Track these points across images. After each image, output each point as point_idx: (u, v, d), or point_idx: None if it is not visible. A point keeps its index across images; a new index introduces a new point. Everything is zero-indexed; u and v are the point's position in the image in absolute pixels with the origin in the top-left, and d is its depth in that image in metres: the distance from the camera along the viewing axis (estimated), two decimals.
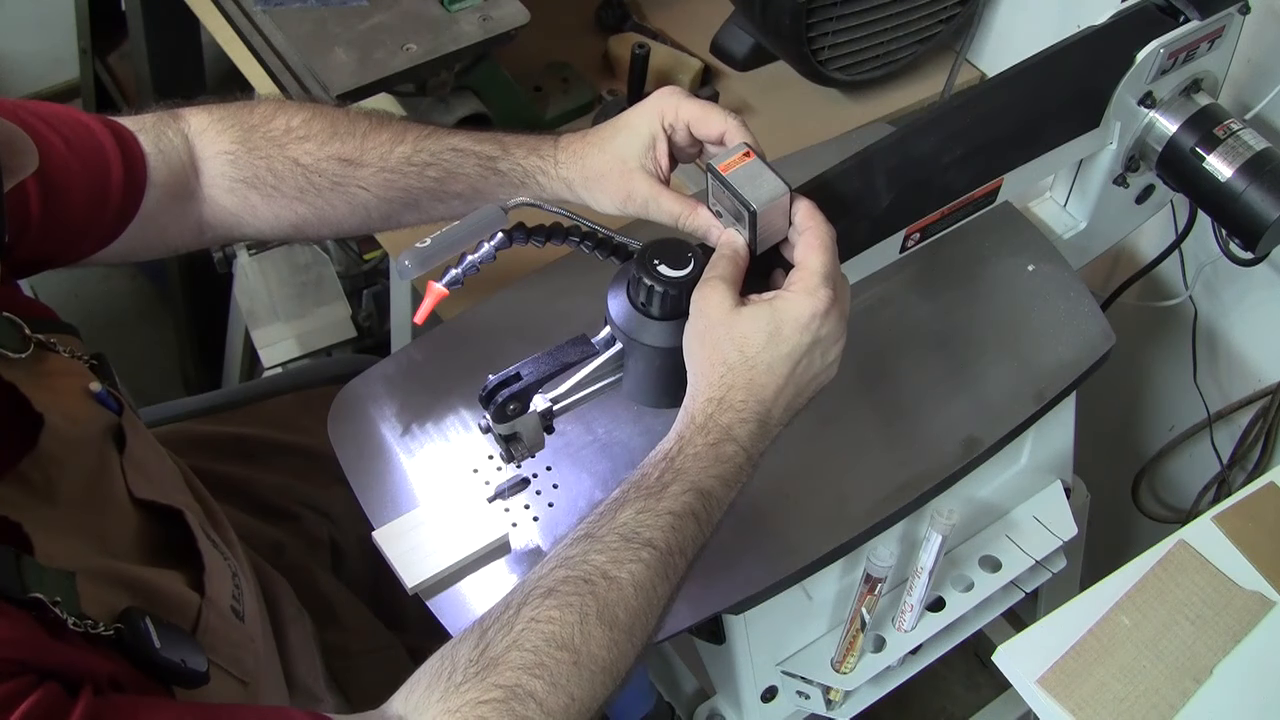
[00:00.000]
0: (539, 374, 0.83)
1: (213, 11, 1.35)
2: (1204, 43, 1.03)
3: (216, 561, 0.86)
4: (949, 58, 1.46)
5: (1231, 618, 0.98)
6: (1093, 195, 1.13)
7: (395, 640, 1.10)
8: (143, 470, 0.86)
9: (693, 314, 0.82)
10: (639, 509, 0.76)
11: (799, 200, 0.83)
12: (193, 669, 0.75)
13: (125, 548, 0.81)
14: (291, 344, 1.71)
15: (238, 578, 0.89)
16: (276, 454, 1.19)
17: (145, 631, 0.73)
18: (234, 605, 0.86)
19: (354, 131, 0.97)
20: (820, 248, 0.81)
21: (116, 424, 0.86)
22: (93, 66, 2.13)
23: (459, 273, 0.85)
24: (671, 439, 0.80)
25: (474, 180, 0.97)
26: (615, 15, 1.50)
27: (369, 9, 1.23)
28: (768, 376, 0.80)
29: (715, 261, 0.83)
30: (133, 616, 0.73)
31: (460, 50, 1.21)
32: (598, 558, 0.74)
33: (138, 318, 2.24)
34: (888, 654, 1.07)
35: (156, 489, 0.86)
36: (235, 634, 0.84)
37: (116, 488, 0.83)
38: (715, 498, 0.79)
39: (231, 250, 1.73)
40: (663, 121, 0.92)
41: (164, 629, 0.74)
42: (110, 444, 0.85)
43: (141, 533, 0.83)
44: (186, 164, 0.97)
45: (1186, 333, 1.40)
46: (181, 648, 0.75)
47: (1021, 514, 1.14)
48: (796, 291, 0.80)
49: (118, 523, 0.82)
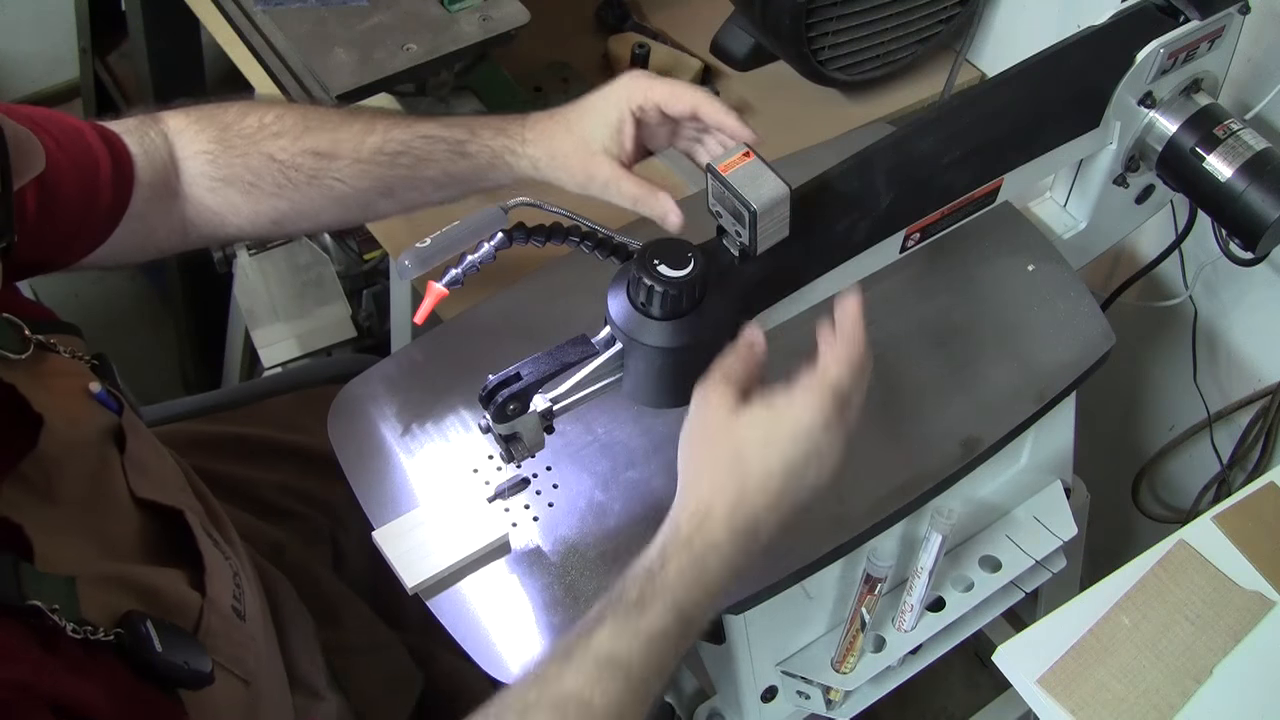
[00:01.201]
0: (539, 374, 0.83)
1: (213, 11, 1.35)
2: (1204, 43, 1.03)
3: (217, 561, 0.86)
4: (949, 58, 1.46)
5: (1231, 618, 0.98)
6: (1093, 195, 1.13)
7: (395, 638, 1.10)
8: (144, 470, 0.86)
9: (690, 411, 0.79)
10: (616, 630, 0.73)
11: (850, 297, 0.78)
12: (196, 670, 0.75)
13: (127, 548, 0.81)
14: (291, 344, 1.71)
15: (239, 577, 0.89)
16: (276, 453, 1.19)
17: (146, 635, 0.73)
18: (235, 605, 0.86)
19: (325, 125, 0.99)
20: (848, 362, 0.77)
21: (117, 424, 0.86)
22: (93, 66, 2.13)
23: (459, 273, 0.85)
24: (654, 552, 0.76)
25: (445, 165, 0.98)
26: (615, 15, 1.50)
27: (369, 9, 1.23)
28: (760, 492, 0.76)
29: (726, 356, 0.80)
30: (134, 621, 0.73)
31: (460, 50, 1.21)
32: (572, 681, 0.72)
33: (138, 318, 2.24)
34: (888, 654, 1.07)
35: (158, 489, 0.86)
36: (237, 634, 0.84)
37: (118, 488, 0.83)
38: (695, 619, 0.75)
39: (231, 250, 1.73)
40: (631, 105, 0.93)
41: (166, 631, 0.74)
42: (111, 444, 0.85)
43: (143, 532, 0.83)
44: (168, 163, 0.98)
45: (1186, 333, 1.40)
46: (184, 650, 0.75)
47: (1021, 514, 1.14)
48: (803, 393, 0.76)
49: (119, 523, 0.82)
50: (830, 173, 0.91)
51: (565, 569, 0.93)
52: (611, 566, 0.93)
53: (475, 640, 0.90)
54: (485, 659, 0.89)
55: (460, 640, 0.91)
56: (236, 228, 1.01)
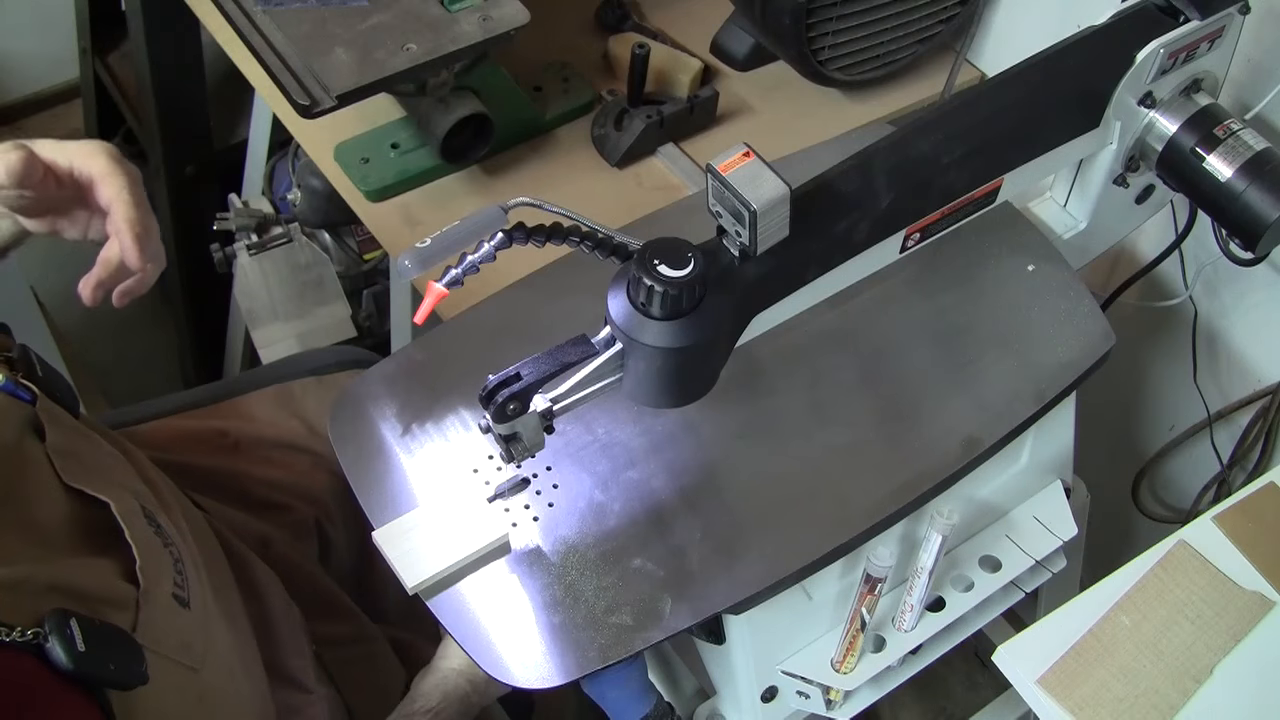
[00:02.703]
0: (539, 374, 0.83)
1: (213, 11, 1.35)
2: (1204, 43, 1.03)
3: (153, 549, 0.84)
4: (949, 58, 1.46)
5: (1231, 618, 0.98)
6: (1093, 195, 1.13)
7: (379, 632, 1.10)
8: (75, 458, 0.84)
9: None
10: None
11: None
12: (127, 669, 0.73)
13: (56, 536, 0.80)
14: (291, 344, 1.71)
15: (180, 564, 0.86)
16: (259, 447, 1.19)
17: (69, 634, 0.70)
18: (177, 593, 0.83)
19: None
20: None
21: (32, 414, 0.85)
22: (93, 66, 2.13)
23: (458, 272, 0.85)
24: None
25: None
26: (615, 15, 1.50)
27: (369, 9, 1.23)
28: None
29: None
30: (56, 619, 0.71)
31: (460, 50, 1.21)
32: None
33: (138, 318, 2.24)
34: (888, 654, 1.07)
35: (91, 477, 0.84)
36: (180, 621, 0.82)
37: (43, 477, 0.82)
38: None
39: (231, 250, 1.73)
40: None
41: (92, 631, 0.72)
42: (31, 435, 0.84)
43: (73, 520, 0.82)
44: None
45: (1186, 333, 1.40)
46: (112, 649, 0.73)
47: (1021, 514, 1.14)
48: None
49: (47, 512, 0.80)
50: (830, 173, 0.91)
51: (565, 569, 0.93)
52: (612, 566, 0.93)
53: (475, 641, 0.90)
54: (485, 659, 0.89)
55: (460, 640, 0.90)
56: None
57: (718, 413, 1.01)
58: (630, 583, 0.92)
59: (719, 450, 1.01)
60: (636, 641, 0.90)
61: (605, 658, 0.89)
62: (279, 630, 1.00)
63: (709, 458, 1.00)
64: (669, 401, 0.87)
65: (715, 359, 0.88)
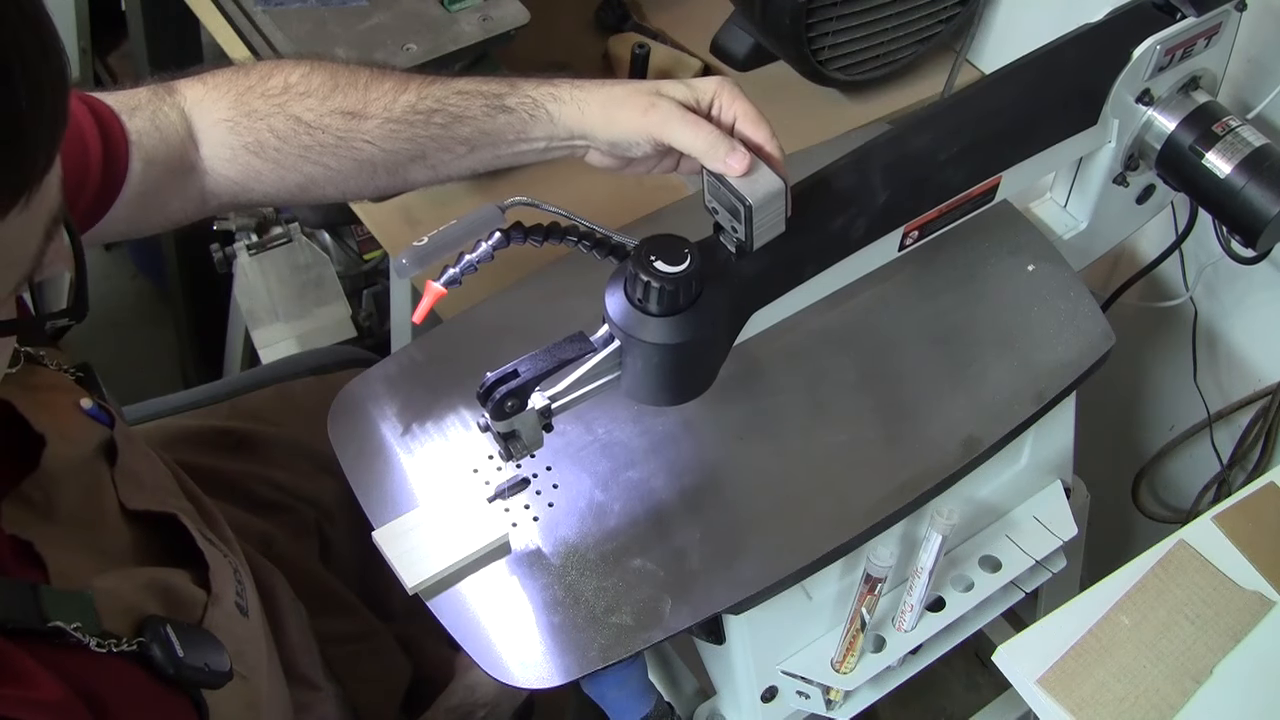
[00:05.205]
0: (536, 370, 0.83)
1: (213, 11, 1.35)
2: (1201, 39, 1.03)
3: (218, 559, 0.86)
4: (949, 58, 1.46)
5: (1231, 618, 0.98)
6: (1093, 195, 1.13)
7: (385, 628, 1.10)
8: (136, 480, 0.85)
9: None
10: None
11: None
12: (216, 670, 0.75)
13: (123, 561, 0.81)
14: (291, 344, 1.71)
15: (239, 574, 0.88)
16: (260, 446, 1.19)
17: (167, 639, 0.72)
18: (239, 601, 0.85)
19: (355, 83, 0.94)
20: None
21: (109, 438, 0.85)
22: (93, 66, 2.13)
23: (457, 272, 0.85)
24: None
25: (480, 122, 0.94)
26: (615, 15, 1.50)
27: (369, 9, 1.23)
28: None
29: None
30: (154, 626, 0.72)
31: (460, 50, 1.21)
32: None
33: (138, 318, 2.25)
34: (888, 654, 1.07)
35: (149, 497, 0.85)
36: (241, 629, 0.84)
37: (108, 502, 0.82)
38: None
39: (232, 250, 1.73)
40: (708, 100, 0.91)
41: (185, 633, 0.74)
42: (102, 459, 0.84)
43: (136, 544, 0.83)
44: (185, 138, 0.94)
45: (1187, 333, 1.40)
46: (205, 650, 0.75)
47: (1021, 514, 1.14)
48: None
49: (112, 537, 0.81)
50: (827, 169, 0.91)
51: (565, 569, 0.93)
52: (612, 567, 0.93)
53: (476, 641, 0.90)
54: (486, 659, 0.89)
55: (461, 640, 0.90)
56: (261, 194, 0.97)
57: (718, 413, 1.01)
58: (630, 583, 0.92)
59: (719, 450, 1.01)
60: (636, 641, 0.90)
61: (605, 658, 0.89)
62: (288, 628, 1.00)
63: (709, 458, 1.00)
64: (667, 399, 0.87)
65: (713, 356, 0.88)
